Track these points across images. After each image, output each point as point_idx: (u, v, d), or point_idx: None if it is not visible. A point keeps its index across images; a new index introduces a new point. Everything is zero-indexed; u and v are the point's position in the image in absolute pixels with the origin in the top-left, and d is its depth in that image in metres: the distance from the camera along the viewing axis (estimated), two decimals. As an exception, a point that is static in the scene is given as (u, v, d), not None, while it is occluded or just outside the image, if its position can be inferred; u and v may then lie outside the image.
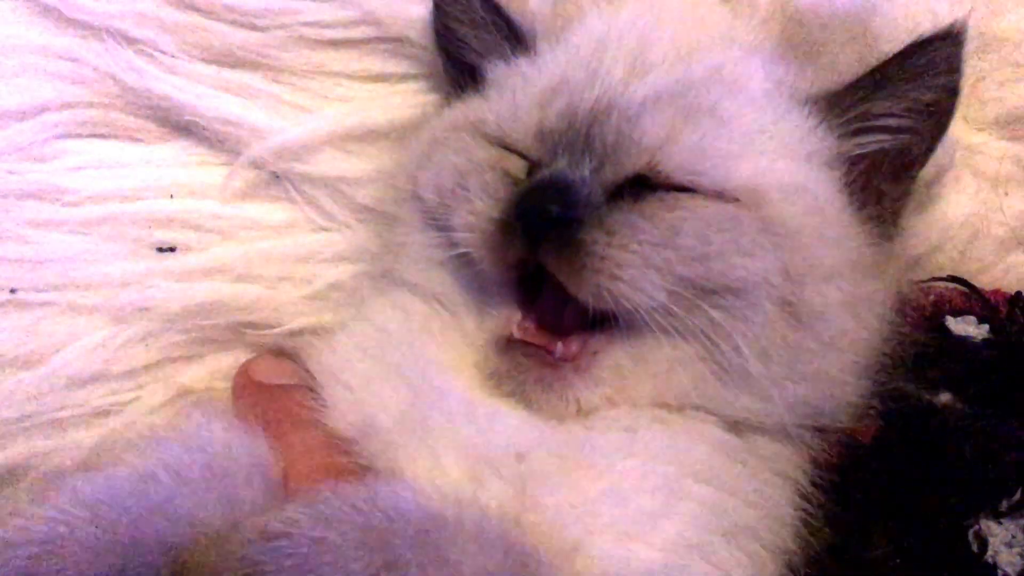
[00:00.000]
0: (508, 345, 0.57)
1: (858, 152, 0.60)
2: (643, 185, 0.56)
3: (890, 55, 0.60)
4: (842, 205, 0.59)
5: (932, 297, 0.65)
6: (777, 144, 0.58)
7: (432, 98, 0.69)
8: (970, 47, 0.60)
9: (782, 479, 0.57)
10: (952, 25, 0.58)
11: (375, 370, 0.60)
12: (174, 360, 0.67)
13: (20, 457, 0.64)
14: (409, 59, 0.68)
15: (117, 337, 0.66)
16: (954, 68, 0.59)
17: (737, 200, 0.56)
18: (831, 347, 0.56)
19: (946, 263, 0.68)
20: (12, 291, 0.64)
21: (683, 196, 0.55)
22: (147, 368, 0.66)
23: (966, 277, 0.67)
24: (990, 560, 0.53)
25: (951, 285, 0.66)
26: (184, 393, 0.67)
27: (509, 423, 0.55)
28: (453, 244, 0.58)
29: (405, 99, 0.69)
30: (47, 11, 0.63)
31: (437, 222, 0.60)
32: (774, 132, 0.58)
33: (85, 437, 0.65)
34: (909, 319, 0.61)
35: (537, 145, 0.58)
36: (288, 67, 0.66)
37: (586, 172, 0.55)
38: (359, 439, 0.56)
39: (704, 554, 0.52)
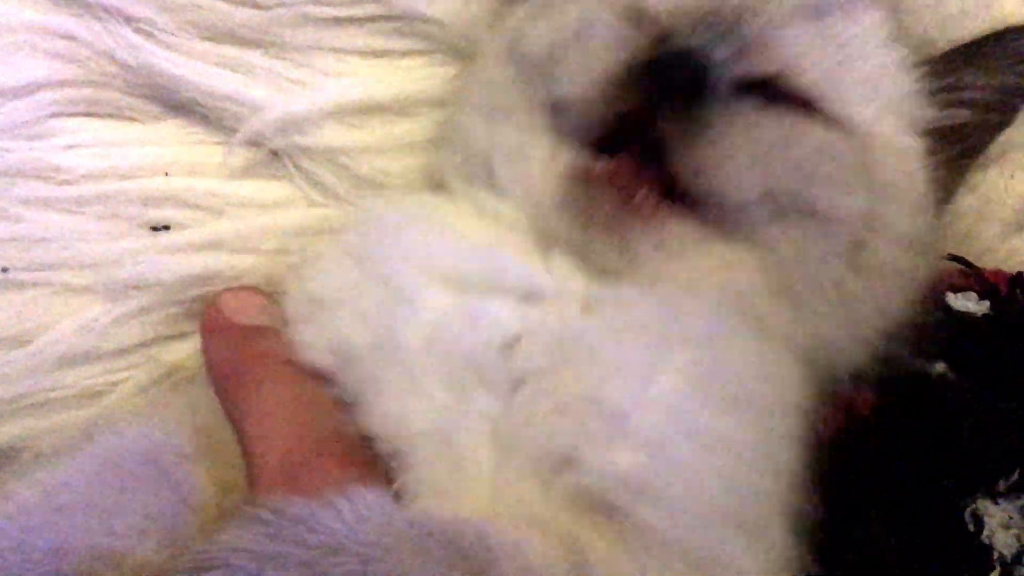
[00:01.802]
0: (583, 181, 0.55)
1: (945, 123, 0.62)
2: (769, 91, 0.56)
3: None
4: (925, 177, 0.61)
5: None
6: (889, 100, 0.60)
7: (437, 71, 0.69)
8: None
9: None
10: None
11: (356, 277, 0.58)
12: (165, 338, 0.66)
13: (12, 438, 0.63)
14: (414, 35, 0.68)
15: (109, 315, 0.65)
16: None
17: (851, 135, 0.57)
18: (873, 304, 0.58)
19: (950, 244, 0.68)
20: (4, 270, 0.64)
21: (803, 113, 0.57)
22: (137, 347, 0.66)
23: (969, 258, 0.67)
24: (986, 541, 0.53)
25: (951, 264, 0.66)
26: (173, 371, 0.66)
27: (498, 313, 0.54)
28: (549, 91, 0.57)
29: (409, 74, 0.69)
30: (50, -12, 0.63)
31: (538, 70, 0.59)
32: (889, 88, 0.61)
33: (76, 417, 0.64)
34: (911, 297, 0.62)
35: (678, 16, 0.57)
36: (290, 44, 0.66)
37: (725, 56, 0.55)
38: (336, 370, 0.55)
39: (700, 441, 0.50)
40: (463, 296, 0.55)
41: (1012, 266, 0.67)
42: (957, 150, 0.64)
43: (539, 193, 0.57)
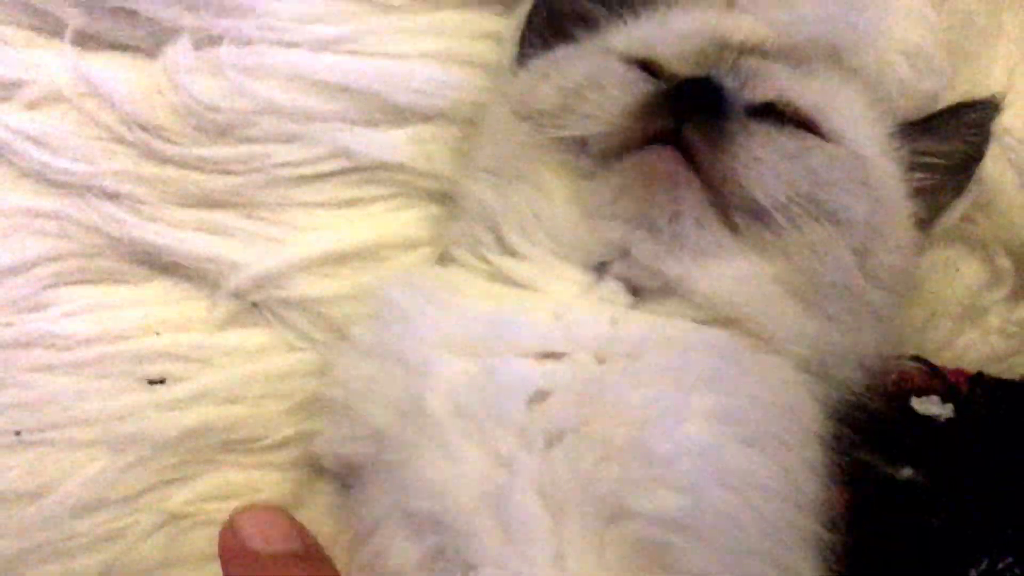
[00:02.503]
0: (630, 169, 0.58)
1: (911, 185, 0.69)
2: (773, 115, 0.62)
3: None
4: (910, 219, 0.67)
5: (895, 375, 0.68)
6: (877, 137, 0.67)
7: (403, 215, 0.73)
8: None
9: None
10: (994, 95, 0.70)
11: (372, 368, 0.60)
12: (166, 483, 0.71)
13: (33, 586, 0.69)
14: (379, 182, 0.72)
15: (114, 466, 0.70)
16: (985, 132, 0.70)
17: (850, 150, 0.63)
18: (874, 316, 0.63)
19: (907, 342, 0.71)
20: (16, 433, 0.69)
21: (807, 131, 0.62)
22: (141, 494, 0.70)
23: (926, 355, 0.70)
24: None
25: (913, 364, 0.69)
26: (175, 516, 0.70)
27: (518, 371, 0.55)
28: (569, 131, 0.61)
29: (376, 220, 0.73)
30: (29, 174, 0.68)
31: (551, 120, 0.62)
32: (871, 127, 0.67)
33: (91, 563, 0.69)
34: (873, 395, 0.65)
35: (684, 59, 0.64)
36: (262, 203, 0.71)
37: (734, 84, 0.62)
38: (369, 460, 0.56)
39: (731, 482, 0.52)
40: (481, 359, 0.56)
41: (970, 361, 0.70)
42: (921, 211, 0.69)
43: (567, 221, 0.61)
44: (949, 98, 0.74)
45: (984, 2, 0.73)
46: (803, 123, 0.63)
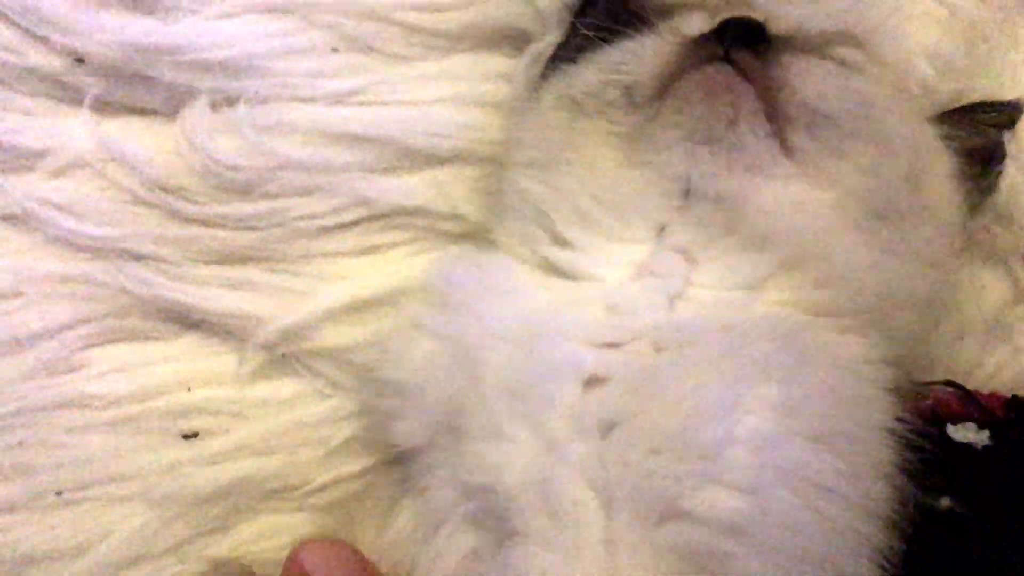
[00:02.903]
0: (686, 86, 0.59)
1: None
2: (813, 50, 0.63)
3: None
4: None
5: (930, 401, 0.67)
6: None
7: (422, 259, 0.74)
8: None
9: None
10: (1020, 98, 0.70)
11: (432, 350, 0.60)
12: (209, 533, 0.72)
13: (83, 641, 0.71)
14: (399, 228, 0.73)
15: (155, 520, 0.71)
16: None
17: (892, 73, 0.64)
18: (926, 251, 0.61)
19: (937, 364, 0.70)
20: (58, 493, 0.70)
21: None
22: (182, 545, 0.71)
23: (958, 377, 0.69)
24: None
25: (947, 388, 0.68)
26: (217, 565, 0.72)
27: (573, 357, 0.54)
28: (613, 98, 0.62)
29: (398, 265, 0.74)
30: (57, 241, 0.69)
31: (593, 97, 0.63)
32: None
33: (138, 614, 0.72)
34: (910, 423, 0.63)
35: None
36: (285, 256, 0.72)
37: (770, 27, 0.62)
38: (429, 445, 0.57)
39: (792, 481, 0.49)
40: (537, 344, 0.56)
41: (1004, 381, 0.69)
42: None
43: (621, 185, 0.60)
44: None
45: (995, 10, 0.73)
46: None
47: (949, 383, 0.67)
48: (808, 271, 0.58)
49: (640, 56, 0.63)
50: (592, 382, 0.53)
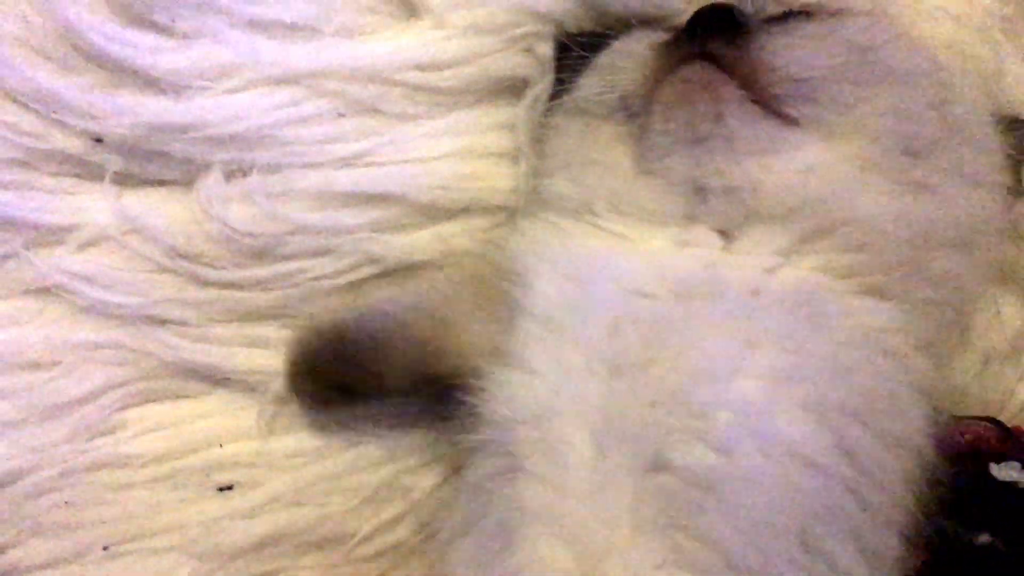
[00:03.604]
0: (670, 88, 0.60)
1: None
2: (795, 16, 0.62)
3: None
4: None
5: (969, 436, 0.67)
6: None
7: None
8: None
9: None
10: None
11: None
12: (250, 580, 0.76)
13: None
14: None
15: (199, 572, 0.75)
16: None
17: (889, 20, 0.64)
18: (967, 174, 0.59)
19: (968, 395, 0.70)
20: (104, 548, 0.74)
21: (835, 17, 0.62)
22: (226, 592, 0.76)
23: (992, 408, 0.69)
24: None
25: (985, 424, 0.67)
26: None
27: (604, 289, 0.57)
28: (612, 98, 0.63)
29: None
30: (87, 310, 0.72)
31: (595, 100, 0.65)
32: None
33: (186, 659, 0.76)
34: (949, 458, 0.63)
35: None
36: (299, 313, 0.74)
37: (748, 8, 0.62)
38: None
39: (771, 449, 0.49)
40: (582, 279, 0.59)
41: None
42: None
43: (639, 184, 0.61)
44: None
45: (998, 19, 0.72)
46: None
47: (988, 419, 0.67)
48: (837, 235, 0.57)
49: (623, 65, 0.64)
50: (616, 325, 0.55)
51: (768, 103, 0.58)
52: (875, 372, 0.53)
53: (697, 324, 0.54)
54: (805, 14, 0.63)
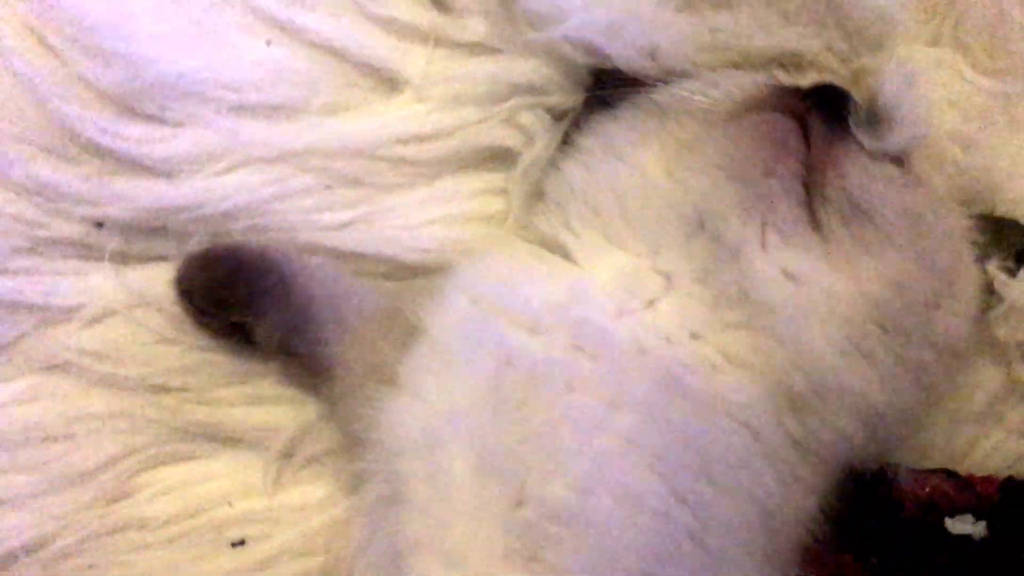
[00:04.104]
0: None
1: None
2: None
3: None
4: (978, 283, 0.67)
5: (928, 489, 0.69)
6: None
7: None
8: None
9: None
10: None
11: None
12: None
13: None
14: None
15: (219, 625, 0.79)
16: None
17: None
18: (913, 371, 0.61)
19: (933, 448, 0.72)
20: (130, 604, 0.79)
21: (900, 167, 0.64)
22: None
23: (955, 461, 0.70)
24: None
25: (942, 478, 0.69)
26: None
27: (497, 326, 0.59)
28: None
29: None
30: (98, 384, 0.75)
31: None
32: None
33: None
34: (907, 512, 0.66)
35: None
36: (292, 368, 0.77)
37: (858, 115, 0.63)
38: None
39: (621, 498, 0.54)
40: (484, 310, 0.62)
41: (998, 463, 0.70)
42: None
43: (652, 190, 0.62)
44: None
45: (996, 96, 0.72)
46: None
47: (945, 471, 0.68)
48: (774, 346, 0.59)
49: (735, 84, 0.66)
50: (505, 361, 0.58)
51: (816, 198, 0.60)
52: (730, 442, 0.57)
53: (574, 378, 0.57)
54: (898, 160, 0.64)
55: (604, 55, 0.68)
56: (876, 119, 0.63)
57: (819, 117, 0.61)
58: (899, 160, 0.64)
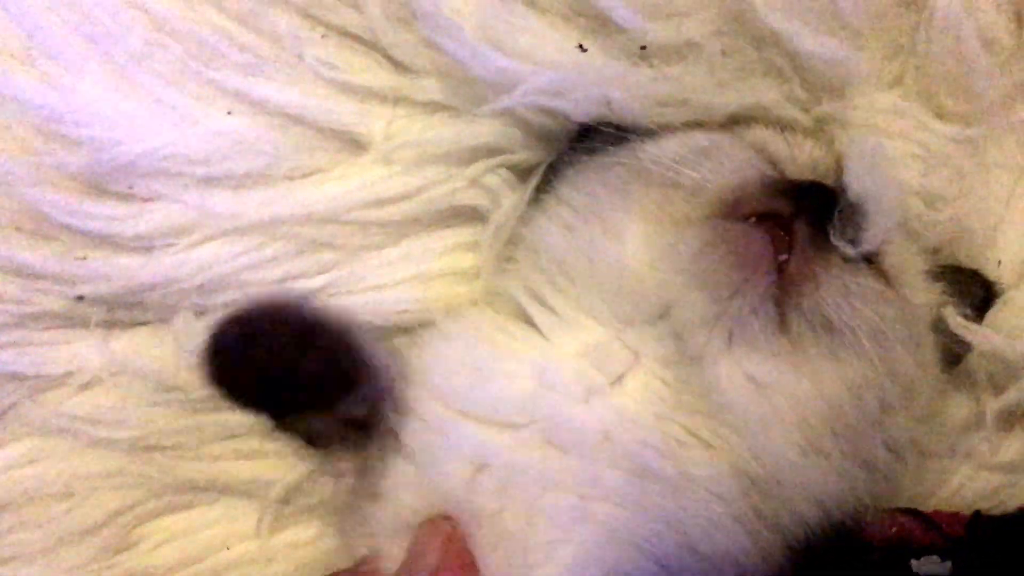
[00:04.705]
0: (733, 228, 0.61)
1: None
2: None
3: None
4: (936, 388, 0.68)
5: (895, 529, 0.70)
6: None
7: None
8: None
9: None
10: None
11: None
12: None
13: None
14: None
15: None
16: None
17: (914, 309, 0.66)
18: (868, 471, 0.63)
19: (903, 485, 0.72)
20: (145, 645, 0.83)
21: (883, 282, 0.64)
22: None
23: (923, 497, 0.71)
24: None
25: (907, 518, 0.70)
26: None
27: (466, 431, 0.61)
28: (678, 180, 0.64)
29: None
30: (93, 446, 0.79)
31: (659, 171, 0.65)
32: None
33: None
34: (876, 554, 0.68)
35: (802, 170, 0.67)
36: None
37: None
38: None
39: None
40: (446, 411, 0.63)
41: (966, 498, 0.71)
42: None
43: (629, 265, 0.62)
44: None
45: (962, 145, 0.70)
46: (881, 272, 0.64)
47: (910, 511, 0.69)
48: (735, 439, 0.60)
49: (726, 157, 0.65)
50: (479, 466, 0.61)
51: (788, 307, 0.59)
52: (705, 511, 0.60)
53: (547, 476, 0.60)
54: (881, 271, 0.64)
55: (562, 114, 0.68)
56: (849, 218, 0.62)
57: (804, 222, 0.60)
58: (872, 257, 0.64)
